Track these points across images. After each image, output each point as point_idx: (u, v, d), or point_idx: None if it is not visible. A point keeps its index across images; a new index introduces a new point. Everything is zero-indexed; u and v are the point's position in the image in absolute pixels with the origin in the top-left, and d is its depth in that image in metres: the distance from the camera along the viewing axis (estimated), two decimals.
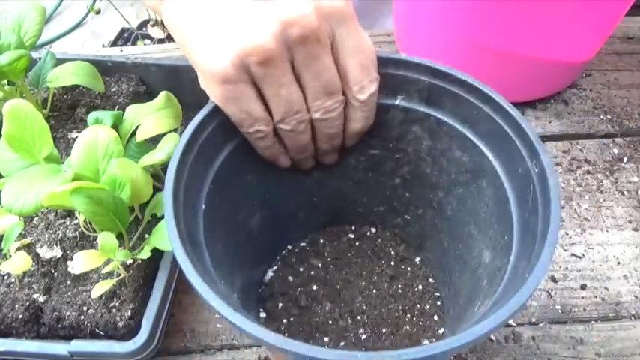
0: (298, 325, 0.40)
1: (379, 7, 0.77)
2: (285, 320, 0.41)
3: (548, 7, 0.47)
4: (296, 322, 0.41)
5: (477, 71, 0.36)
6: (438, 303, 0.42)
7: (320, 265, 0.44)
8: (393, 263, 0.44)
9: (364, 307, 0.41)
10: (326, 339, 0.40)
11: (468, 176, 0.37)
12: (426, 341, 0.40)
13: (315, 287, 0.43)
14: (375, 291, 0.42)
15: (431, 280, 0.43)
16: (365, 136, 0.38)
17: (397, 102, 0.38)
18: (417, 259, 0.45)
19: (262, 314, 0.42)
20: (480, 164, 0.36)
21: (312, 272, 0.44)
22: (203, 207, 0.34)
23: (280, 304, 0.42)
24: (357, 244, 0.46)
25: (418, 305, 0.42)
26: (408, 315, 0.41)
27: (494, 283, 0.32)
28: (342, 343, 0.39)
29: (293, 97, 0.33)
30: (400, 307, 0.41)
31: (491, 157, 0.35)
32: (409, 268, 0.44)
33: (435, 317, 0.41)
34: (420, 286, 0.43)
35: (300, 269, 0.44)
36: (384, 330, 0.40)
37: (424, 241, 0.44)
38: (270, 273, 0.44)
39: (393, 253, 0.45)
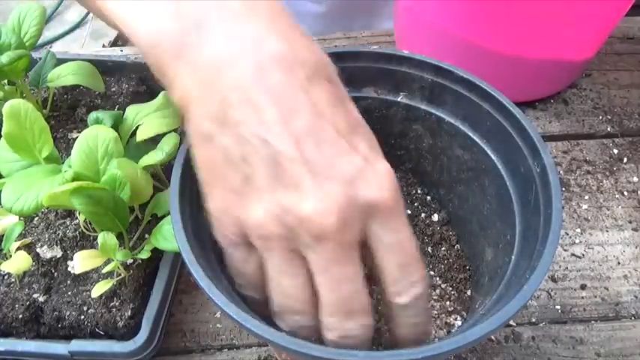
0: None
1: (379, 7, 0.77)
2: None
3: (548, 7, 0.47)
4: None
5: (476, 71, 0.36)
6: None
7: None
8: None
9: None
10: None
11: (469, 174, 0.37)
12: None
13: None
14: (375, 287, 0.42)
15: (432, 272, 0.43)
16: None
17: (399, 99, 0.38)
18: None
19: None
20: (482, 162, 0.36)
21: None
22: None
23: None
24: None
25: None
26: None
27: (495, 282, 0.32)
28: None
29: (299, 292, 0.27)
30: None
31: (493, 155, 0.35)
32: None
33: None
34: None
35: None
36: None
37: None
38: None
39: None
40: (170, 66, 0.28)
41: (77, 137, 0.38)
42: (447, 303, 0.39)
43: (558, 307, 0.45)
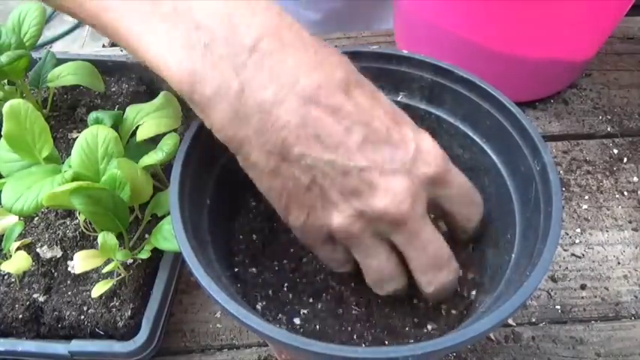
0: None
1: (379, 7, 0.77)
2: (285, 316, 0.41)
3: (548, 6, 0.47)
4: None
5: (476, 71, 0.36)
6: None
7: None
8: None
9: (360, 300, 0.41)
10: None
11: (469, 174, 0.37)
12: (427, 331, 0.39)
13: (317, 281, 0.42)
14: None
15: None
16: None
17: (399, 98, 0.38)
18: None
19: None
20: (482, 162, 0.36)
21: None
22: (208, 202, 0.34)
23: (283, 297, 0.42)
24: None
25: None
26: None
27: (495, 281, 0.33)
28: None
29: (385, 266, 0.32)
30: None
31: (493, 154, 0.35)
32: None
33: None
34: None
35: (304, 260, 0.44)
36: (384, 331, 0.40)
37: None
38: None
39: None
40: (210, 106, 0.29)
41: (77, 137, 0.38)
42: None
43: (558, 307, 0.45)
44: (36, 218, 0.43)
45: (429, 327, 0.38)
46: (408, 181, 0.29)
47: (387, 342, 0.37)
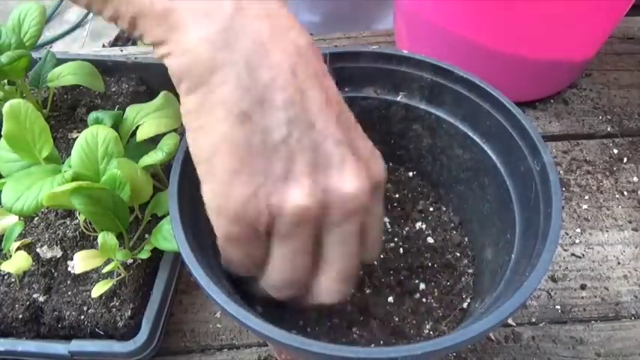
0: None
1: (379, 7, 0.77)
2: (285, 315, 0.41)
3: (548, 6, 0.47)
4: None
5: (476, 71, 0.36)
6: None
7: None
8: None
9: (360, 300, 0.41)
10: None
11: (469, 174, 0.37)
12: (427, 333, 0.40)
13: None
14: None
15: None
16: (367, 131, 0.38)
17: (399, 99, 0.38)
18: None
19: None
20: (481, 162, 0.36)
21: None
22: None
23: None
24: None
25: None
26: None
27: (494, 281, 0.33)
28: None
29: (299, 271, 0.29)
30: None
31: (493, 155, 0.35)
32: None
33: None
34: None
35: None
36: (384, 331, 0.40)
37: None
38: None
39: None
40: (191, 23, 0.26)
41: (77, 137, 0.38)
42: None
43: (558, 307, 0.45)
44: (36, 218, 0.43)
45: (429, 327, 0.38)
46: (368, 175, 0.28)
47: (386, 342, 0.37)
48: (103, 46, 1.68)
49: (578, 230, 0.49)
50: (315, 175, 0.26)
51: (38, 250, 0.41)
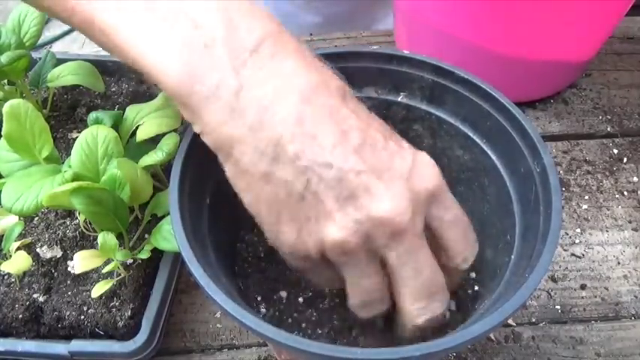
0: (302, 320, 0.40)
1: (378, 7, 0.77)
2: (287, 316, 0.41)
3: (548, 7, 0.47)
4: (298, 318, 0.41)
5: (476, 71, 0.36)
6: None
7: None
8: None
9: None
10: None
11: (469, 174, 0.37)
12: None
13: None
14: None
15: None
16: None
17: (399, 99, 0.38)
18: None
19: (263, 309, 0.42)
20: (482, 163, 0.36)
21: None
22: (208, 202, 0.34)
23: (284, 297, 0.42)
24: None
25: None
26: None
27: (494, 282, 0.32)
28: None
29: (376, 287, 0.30)
30: None
31: (493, 155, 0.35)
32: None
33: None
34: None
35: None
36: (384, 331, 0.40)
37: None
38: None
39: None
40: (205, 106, 0.28)
41: (77, 137, 0.38)
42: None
43: (558, 307, 0.45)
44: (36, 218, 0.43)
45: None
46: (408, 191, 0.28)
47: (387, 343, 0.37)
48: None
49: (578, 230, 0.50)
50: (344, 208, 0.27)
51: (38, 250, 0.41)
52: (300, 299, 0.42)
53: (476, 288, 0.39)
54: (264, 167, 0.28)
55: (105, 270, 0.38)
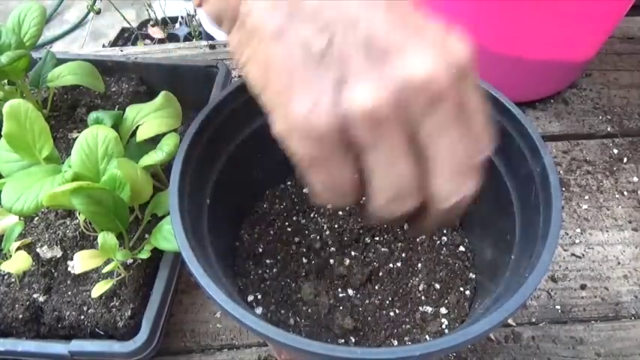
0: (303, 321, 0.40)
1: None
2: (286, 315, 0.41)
3: (548, 7, 0.47)
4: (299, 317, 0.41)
5: (476, 71, 0.36)
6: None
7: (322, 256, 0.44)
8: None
9: (361, 301, 0.41)
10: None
11: None
12: (426, 337, 0.40)
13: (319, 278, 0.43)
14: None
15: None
16: None
17: None
18: None
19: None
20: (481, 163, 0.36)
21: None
22: (208, 202, 0.34)
23: (284, 297, 0.42)
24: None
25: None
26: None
27: (494, 282, 0.33)
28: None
29: (407, 175, 0.25)
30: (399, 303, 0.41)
31: (493, 155, 0.35)
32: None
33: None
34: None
35: (305, 260, 0.44)
36: (384, 332, 0.40)
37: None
38: None
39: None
40: None
41: (77, 137, 0.38)
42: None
43: (558, 307, 0.45)
44: (36, 218, 0.43)
45: (429, 327, 0.38)
46: (444, 55, 0.24)
47: (386, 343, 0.37)
48: (103, 46, 1.68)
49: (578, 230, 0.50)
50: (376, 69, 0.23)
51: (38, 250, 0.41)
52: (301, 299, 0.42)
53: (475, 288, 0.39)
54: (278, 21, 0.24)
55: (105, 270, 0.38)
